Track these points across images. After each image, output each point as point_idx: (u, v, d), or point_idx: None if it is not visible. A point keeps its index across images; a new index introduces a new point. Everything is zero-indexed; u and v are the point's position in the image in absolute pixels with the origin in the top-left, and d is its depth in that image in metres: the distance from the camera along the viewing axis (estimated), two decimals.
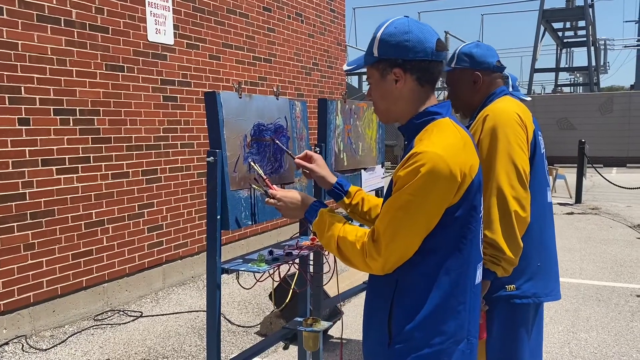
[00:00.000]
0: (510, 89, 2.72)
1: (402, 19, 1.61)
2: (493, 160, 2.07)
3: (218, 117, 2.01)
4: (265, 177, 2.05)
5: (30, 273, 4.31)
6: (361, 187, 3.13)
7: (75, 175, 4.62)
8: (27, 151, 4.26)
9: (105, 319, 4.73)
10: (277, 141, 2.28)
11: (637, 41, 35.16)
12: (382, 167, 3.39)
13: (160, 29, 5.37)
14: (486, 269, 2.02)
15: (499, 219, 2.03)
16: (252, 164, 2.15)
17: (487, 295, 2.15)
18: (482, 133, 2.13)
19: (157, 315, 4.84)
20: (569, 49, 35.00)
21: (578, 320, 4.59)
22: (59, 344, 4.20)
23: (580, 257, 6.69)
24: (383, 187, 3.38)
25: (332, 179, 1.95)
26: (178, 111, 5.63)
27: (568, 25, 29.87)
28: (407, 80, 1.58)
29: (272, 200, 1.84)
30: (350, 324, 4.54)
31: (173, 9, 5.50)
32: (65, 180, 4.54)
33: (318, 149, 2.70)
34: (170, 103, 5.53)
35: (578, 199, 10.85)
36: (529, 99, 2.40)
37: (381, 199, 1.95)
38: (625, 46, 37.25)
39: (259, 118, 2.24)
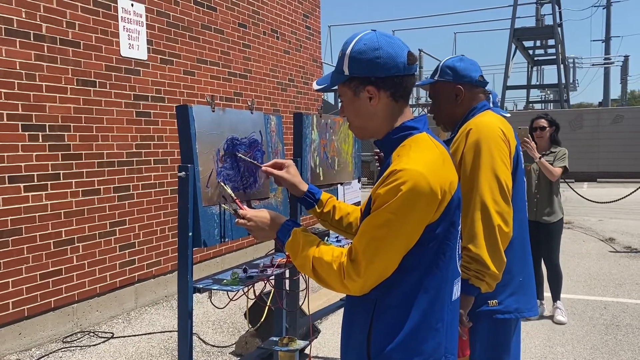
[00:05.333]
0: (491, 105, 2.72)
1: (370, 34, 1.57)
2: (476, 174, 2.05)
3: (190, 130, 1.96)
4: (235, 196, 1.99)
5: None
6: None
7: (44, 192, 4.49)
8: None
9: (75, 340, 4.57)
10: (239, 154, 2.22)
11: (604, 59, 36.19)
12: (358, 181, 3.37)
13: (133, 44, 5.30)
14: (470, 284, 1.99)
15: (483, 233, 2.00)
16: (222, 184, 2.09)
17: (469, 311, 2.11)
18: (465, 147, 2.11)
19: (129, 336, 4.70)
20: (539, 67, 35.85)
21: (554, 334, 4.61)
22: None
23: None
24: (360, 201, 3.35)
25: (304, 186, 1.91)
26: (151, 127, 5.54)
27: (538, 43, 30.60)
28: (381, 97, 1.55)
29: (242, 221, 1.78)
30: (328, 341, 4.47)
31: (147, 24, 5.44)
32: (33, 197, 4.41)
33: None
34: (143, 119, 5.44)
35: None
36: (508, 115, 2.40)
37: (353, 207, 1.92)
38: (593, 64, 38.26)
39: (232, 132, 2.19)
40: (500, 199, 2.03)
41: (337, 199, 1.95)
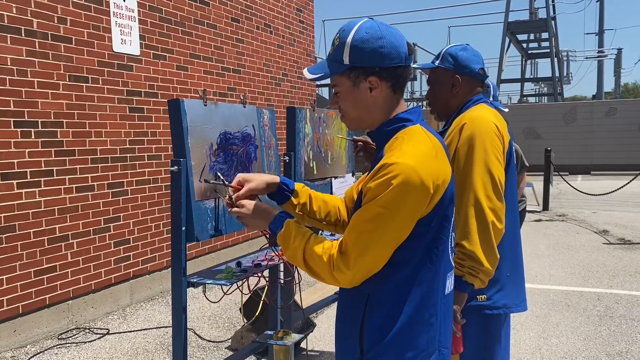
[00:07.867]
0: (491, 99, 2.70)
1: (371, 22, 1.53)
2: (470, 169, 2.04)
3: (182, 124, 1.95)
4: (229, 185, 1.98)
5: None
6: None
7: (37, 189, 4.47)
8: None
9: (70, 337, 4.57)
10: (221, 176, 2.18)
11: (597, 52, 36.28)
12: (352, 175, 3.37)
13: (125, 39, 5.27)
14: (463, 281, 1.98)
15: (477, 230, 1.99)
16: (218, 174, 2.09)
17: None
18: (459, 142, 2.09)
19: (124, 332, 4.69)
20: (533, 60, 35.94)
21: (548, 325, 4.63)
22: None
23: (549, 264, 6.78)
24: None
25: (275, 179, 1.76)
26: (145, 122, 5.52)
27: (532, 37, 30.65)
28: (382, 88, 1.52)
29: (235, 209, 1.75)
30: (324, 335, 4.49)
31: (139, 19, 5.41)
32: (26, 194, 4.39)
33: (287, 157, 2.66)
34: (136, 114, 5.42)
35: (545, 206, 11.05)
36: (506, 110, 2.38)
37: (327, 195, 1.86)
38: (586, 57, 38.37)
39: (225, 126, 2.19)
40: (493, 195, 2.02)
41: (314, 190, 1.86)
